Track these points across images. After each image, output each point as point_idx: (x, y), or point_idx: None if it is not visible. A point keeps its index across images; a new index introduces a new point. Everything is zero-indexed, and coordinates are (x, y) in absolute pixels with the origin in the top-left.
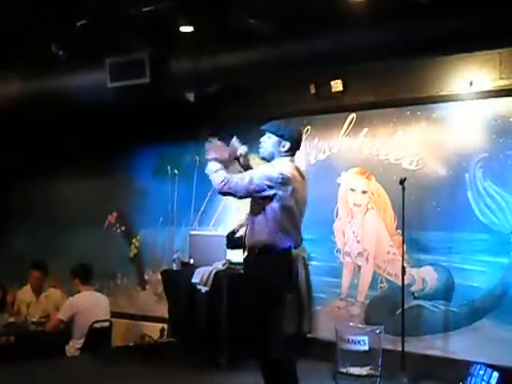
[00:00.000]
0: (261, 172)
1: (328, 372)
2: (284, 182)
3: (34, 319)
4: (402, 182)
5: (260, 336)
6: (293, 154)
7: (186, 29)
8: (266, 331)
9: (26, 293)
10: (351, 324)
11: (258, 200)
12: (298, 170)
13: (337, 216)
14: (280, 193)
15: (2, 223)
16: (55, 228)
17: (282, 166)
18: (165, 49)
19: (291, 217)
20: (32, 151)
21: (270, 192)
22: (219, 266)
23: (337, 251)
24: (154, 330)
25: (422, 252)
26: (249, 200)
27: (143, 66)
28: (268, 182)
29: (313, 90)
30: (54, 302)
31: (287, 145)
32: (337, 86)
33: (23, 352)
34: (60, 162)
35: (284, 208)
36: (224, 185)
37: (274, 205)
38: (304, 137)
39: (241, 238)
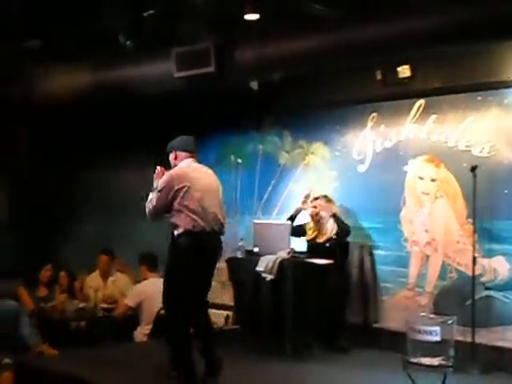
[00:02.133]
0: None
1: (397, 362)
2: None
3: (104, 305)
4: (472, 169)
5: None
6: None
7: (251, 17)
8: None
9: (94, 279)
10: (422, 314)
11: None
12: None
13: (404, 204)
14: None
15: (70, 212)
16: (122, 216)
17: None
18: (230, 38)
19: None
20: (100, 141)
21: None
22: (284, 254)
23: (404, 240)
24: (218, 317)
25: (494, 241)
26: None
27: (209, 56)
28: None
29: (379, 76)
30: (120, 286)
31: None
32: (404, 71)
33: (93, 337)
34: (128, 151)
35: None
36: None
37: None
38: (370, 124)
39: (302, 226)
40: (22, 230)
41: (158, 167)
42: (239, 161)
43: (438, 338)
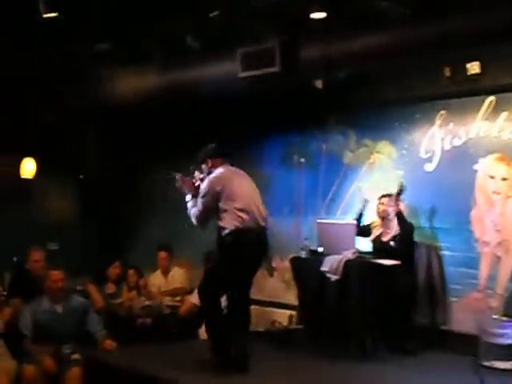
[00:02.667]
0: None
1: (465, 364)
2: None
3: (169, 302)
4: None
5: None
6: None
7: (318, 15)
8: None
9: (156, 277)
10: (495, 317)
11: None
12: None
13: (474, 204)
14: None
15: (138, 212)
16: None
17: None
18: (295, 37)
19: None
20: (164, 140)
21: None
22: (348, 254)
23: (474, 241)
24: (282, 316)
25: None
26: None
27: (274, 55)
28: None
29: (448, 73)
30: (178, 279)
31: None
32: (474, 68)
33: (158, 334)
34: (190, 150)
35: None
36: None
37: None
38: (438, 122)
39: (367, 226)
40: (92, 229)
41: (177, 175)
42: (302, 160)
43: (511, 341)
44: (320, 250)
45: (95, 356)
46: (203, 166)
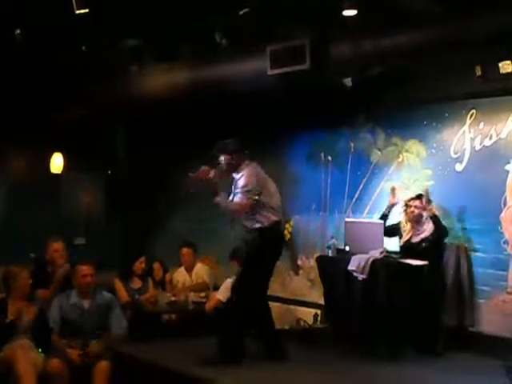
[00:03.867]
0: None
1: (494, 367)
2: None
3: (195, 299)
4: None
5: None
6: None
7: (349, 12)
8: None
9: (180, 273)
10: None
11: None
12: None
13: (505, 205)
14: None
15: (165, 208)
16: (211, 211)
17: None
18: (326, 34)
19: None
20: (192, 137)
21: None
22: (376, 254)
23: (504, 242)
24: (307, 314)
25: None
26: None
27: (303, 52)
28: None
29: (479, 72)
30: (201, 277)
31: None
32: (506, 67)
33: (184, 330)
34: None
35: None
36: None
37: None
38: (468, 121)
39: (395, 226)
40: (119, 225)
41: (205, 167)
42: (330, 158)
43: None
44: (347, 248)
45: (122, 351)
46: (222, 158)
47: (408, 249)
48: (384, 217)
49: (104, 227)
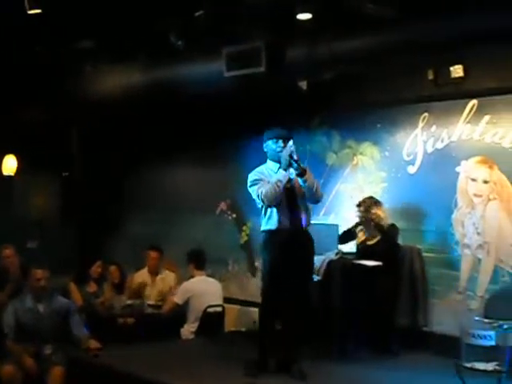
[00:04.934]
0: None
1: (446, 366)
2: None
3: (151, 302)
4: None
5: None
6: None
7: (304, 16)
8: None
9: (142, 276)
10: (477, 318)
11: None
12: None
13: (456, 207)
14: None
15: (119, 210)
16: (170, 214)
17: None
18: (281, 37)
19: None
20: (149, 139)
21: None
22: (331, 255)
23: (455, 243)
24: None
25: None
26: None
27: (259, 55)
28: None
29: (431, 76)
30: (168, 284)
31: None
32: (457, 71)
33: (140, 334)
34: (175, 149)
35: None
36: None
37: None
38: (421, 124)
39: (351, 230)
40: (74, 228)
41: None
42: None
43: (492, 343)
44: None
45: (77, 356)
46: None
47: (363, 250)
48: (349, 232)
49: (59, 230)
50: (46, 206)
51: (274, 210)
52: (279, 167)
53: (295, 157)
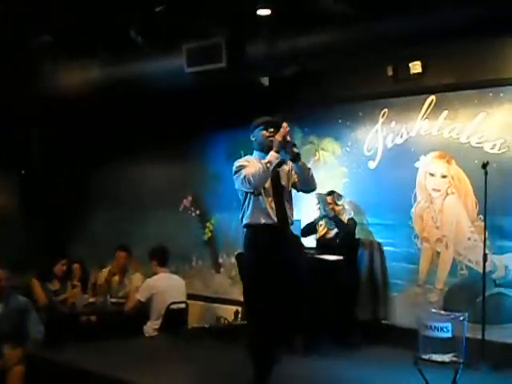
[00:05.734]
0: None
1: (406, 358)
2: None
3: (114, 300)
4: (484, 166)
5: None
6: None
7: (263, 12)
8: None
9: (105, 274)
10: (434, 310)
11: None
12: None
13: (415, 201)
14: None
15: (82, 208)
16: (133, 211)
17: None
18: (241, 33)
19: None
20: (110, 136)
21: None
22: None
23: (415, 237)
24: (228, 312)
25: (505, 238)
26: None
27: (220, 51)
28: None
29: (390, 72)
30: (135, 284)
31: None
32: (415, 67)
33: (103, 332)
34: (137, 146)
35: None
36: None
37: None
38: (381, 120)
39: (312, 223)
40: (36, 226)
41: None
42: None
43: (449, 335)
44: None
45: (38, 354)
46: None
47: (323, 244)
48: (312, 224)
49: (20, 228)
50: (6, 205)
51: (259, 201)
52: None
53: (289, 138)
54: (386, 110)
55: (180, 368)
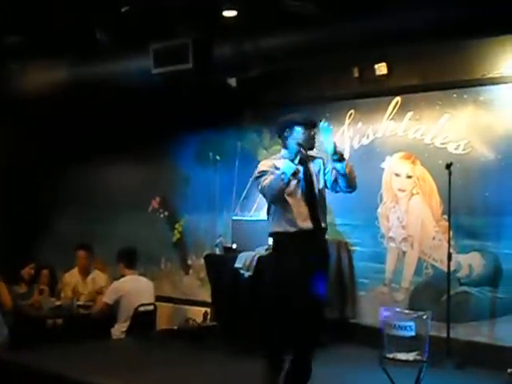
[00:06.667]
0: None
1: (373, 357)
2: None
3: (81, 302)
4: (448, 166)
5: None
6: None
7: (230, 13)
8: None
9: (72, 276)
10: (398, 309)
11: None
12: None
13: (381, 201)
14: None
15: (49, 209)
16: (100, 213)
17: None
18: (208, 34)
19: None
20: (77, 137)
21: None
22: (262, 251)
23: (381, 237)
24: (197, 313)
25: (469, 238)
26: None
27: (186, 52)
28: None
29: (356, 74)
30: (99, 284)
31: None
32: (381, 69)
33: (70, 335)
34: (105, 147)
35: None
36: None
37: None
38: (347, 121)
39: None
40: (2, 227)
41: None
42: (218, 158)
43: (412, 333)
44: (234, 246)
45: (4, 358)
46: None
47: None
48: None
49: None
50: None
51: (284, 208)
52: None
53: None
54: (352, 111)
55: (148, 370)
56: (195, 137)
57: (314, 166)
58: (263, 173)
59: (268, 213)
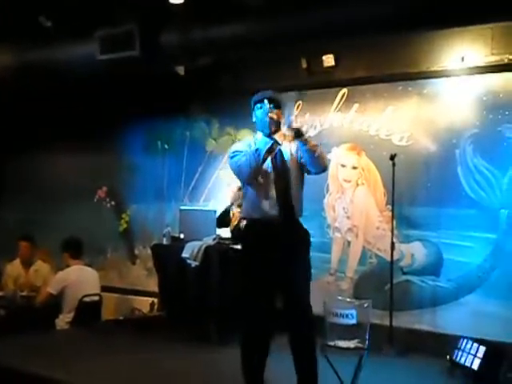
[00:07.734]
0: None
1: (317, 346)
2: None
3: (24, 293)
4: (392, 157)
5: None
6: None
7: (176, 0)
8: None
9: (14, 267)
10: (339, 298)
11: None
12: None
13: (327, 192)
14: None
15: None
16: (45, 202)
17: None
18: (155, 21)
19: None
20: (21, 125)
21: None
22: (209, 241)
23: (327, 227)
24: (144, 304)
25: (412, 227)
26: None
27: (133, 39)
28: None
29: (304, 65)
30: (42, 275)
31: None
32: (328, 60)
33: (13, 326)
34: (50, 136)
35: None
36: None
37: None
38: (295, 112)
39: (226, 212)
40: None
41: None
42: (166, 147)
43: (354, 321)
44: (181, 236)
45: None
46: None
47: (237, 234)
48: (225, 212)
49: None
50: None
51: (258, 191)
52: (267, 134)
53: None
54: (300, 102)
55: (94, 361)
56: (143, 125)
57: (292, 148)
58: (236, 152)
59: (245, 195)
